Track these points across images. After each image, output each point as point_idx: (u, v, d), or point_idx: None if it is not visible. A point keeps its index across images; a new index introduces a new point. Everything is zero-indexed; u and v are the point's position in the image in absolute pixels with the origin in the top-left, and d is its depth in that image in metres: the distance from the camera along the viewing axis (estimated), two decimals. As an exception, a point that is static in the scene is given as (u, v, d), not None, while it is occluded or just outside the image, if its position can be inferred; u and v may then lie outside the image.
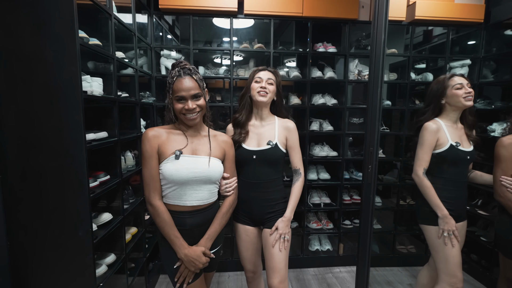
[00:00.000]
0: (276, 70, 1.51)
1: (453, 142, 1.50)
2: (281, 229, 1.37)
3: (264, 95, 1.39)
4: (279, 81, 1.45)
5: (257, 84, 1.40)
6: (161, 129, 1.18)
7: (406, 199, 2.67)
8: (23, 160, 1.17)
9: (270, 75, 1.42)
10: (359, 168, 2.66)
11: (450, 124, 1.54)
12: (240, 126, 1.44)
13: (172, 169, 1.11)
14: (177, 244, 1.14)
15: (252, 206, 1.43)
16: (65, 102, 1.16)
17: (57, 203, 1.20)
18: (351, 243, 2.73)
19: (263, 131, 1.43)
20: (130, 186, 1.95)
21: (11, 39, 1.12)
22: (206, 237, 1.20)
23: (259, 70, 1.45)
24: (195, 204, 1.17)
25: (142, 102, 2.05)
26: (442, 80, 1.56)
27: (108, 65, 1.58)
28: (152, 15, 2.25)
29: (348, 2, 2.28)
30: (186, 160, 1.14)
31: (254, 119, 1.48)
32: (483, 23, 2.38)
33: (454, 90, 1.50)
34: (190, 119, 1.15)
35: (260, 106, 1.43)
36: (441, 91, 1.54)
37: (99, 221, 1.46)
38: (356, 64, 2.47)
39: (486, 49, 2.46)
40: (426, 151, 1.51)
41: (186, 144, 1.17)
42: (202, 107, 1.16)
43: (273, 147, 1.38)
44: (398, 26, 2.45)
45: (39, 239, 1.21)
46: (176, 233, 1.15)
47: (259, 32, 2.60)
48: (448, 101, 1.53)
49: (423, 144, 1.52)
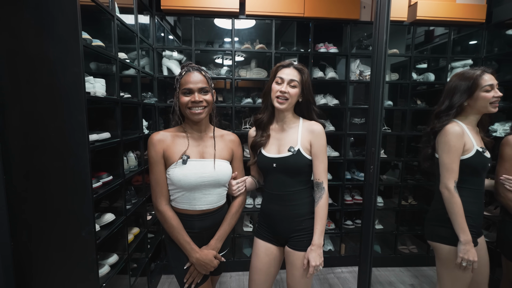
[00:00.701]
0: (303, 66, 1.26)
1: (478, 147, 1.31)
2: (313, 261, 1.17)
3: (283, 102, 1.21)
4: (305, 80, 1.24)
5: (277, 87, 1.22)
6: (166, 133, 1.16)
7: (408, 199, 2.67)
8: (27, 160, 1.18)
9: (294, 75, 1.21)
10: (360, 168, 2.66)
11: (471, 128, 1.35)
12: (262, 128, 1.30)
13: (180, 175, 1.10)
14: (188, 249, 1.13)
15: (275, 222, 1.26)
16: (68, 103, 1.17)
17: (61, 203, 1.21)
18: (353, 243, 2.73)
19: (284, 136, 1.26)
20: (133, 186, 1.96)
21: (16, 41, 1.13)
22: (216, 238, 1.19)
23: (282, 66, 1.25)
24: (204, 208, 1.16)
25: (144, 102, 2.06)
26: (473, 77, 1.30)
27: (110, 66, 1.59)
28: (154, 16, 2.26)
29: (349, 3, 2.28)
30: (193, 164, 1.12)
31: (275, 122, 1.31)
32: (485, 23, 2.38)
33: (483, 93, 1.28)
34: (195, 113, 1.11)
35: (280, 110, 1.26)
36: (471, 91, 1.30)
37: (102, 222, 1.46)
38: (358, 65, 2.47)
39: (488, 49, 2.46)
40: (455, 159, 1.28)
41: (193, 146, 1.15)
42: (209, 103, 1.13)
43: (295, 154, 1.21)
44: (399, 26, 2.45)
45: (43, 239, 1.22)
46: (186, 238, 1.13)
47: (261, 32, 2.60)
48: (472, 104, 1.32)
49: (450, 150, 1.29)
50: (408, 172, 2.76)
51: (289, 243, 1.25)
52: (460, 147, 1.29)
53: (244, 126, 2.47)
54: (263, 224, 1.32)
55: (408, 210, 2.67)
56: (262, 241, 1.31)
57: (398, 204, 2.58)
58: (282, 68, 1.24)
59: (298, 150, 1.21)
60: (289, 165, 1.21)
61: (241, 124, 2.51)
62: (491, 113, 1.34)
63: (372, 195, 1.36)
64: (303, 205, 1.25)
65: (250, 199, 2.54)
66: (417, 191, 2.79)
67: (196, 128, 1.19)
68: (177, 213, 1.17)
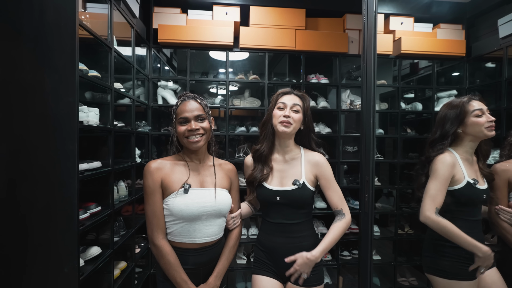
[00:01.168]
0: (304, 93, 1.26)
1: (470, 179, 1.28)
2: (298, 265, 1.11)
3: (287, 125, 1.17)
4: (307, 107, 1.22)
5: (280, 112, 1.19)
6: (164, 161, 1.11)
7: (405, 228, 2.63)
8: (13, 193, 1.13)
9: (296, 100, 1.20)
10: (355, 196, 2.64)
11: (465, 157, 1.33)
12: (262, 161, 1.23)
13: (182, 204, 1.04)
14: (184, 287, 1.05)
15: (278, 255, 1.17)
16: (60, 132, 1.15)
17: (43, 237, 1.14)
18: (351, 276, 2.62)
19: (287, 168, 1.21)
20: (122, 217, 1.89)
21: (12, 71, 1.14)
22: (215, 275, 1.11)
23: (283, 93, 1.23)
24: (203, 241, 1.09)
25: (138, 131, 2.06)
26: (460, 104, 1.32)
27: (105, 96, 1.60)
28: (151, 48, 2.34)
29: (338, 38, 2.42)
30: (195, 193, 1.07)
31: (276, 152, 1.26)
32: (465, 56, 2.53)
33: (474, 118, 1.28)
34: (193, 141, 1.07)
35: (282, 137, 1.22)
36: (460, 118, 1.30)
37: (87, 256, 1.38)
38: (348, 94, 2.55)
39: (470, 80, 2.59)
40: (440, 188, 1.26)
41: (193, 175, 1.11)
42: (206, 130, 1.10)
43: (300, 187, 1.16)
44: (386, 59, 2.58)
45: (23, 276, 1.14)
46: (184, 276, 1.05)
47: (254, 64, 2.70)
48: (466, 131, 1.31)
49: (437, 178, 1.27)
50: (403, 200, 2.75)
51: (291, 277, 1.16)
52: (448, 177, 1.26)
53: (238, 154, 2.47)
54: (263, 258, 1.22)
55: (406, 239, 2.61)
56: (266, 277, 1.19)
57: (395, 233, 2.53)
58: (283, 95, 1.23)
59: (303, 183, 1.17)
60: (295, 198, 1.16)
61: (235, 152, 2.51)
62: (489, 139, 1.32)
63: (368, 225, 1.33)
64: (307, 237, 1.19)
65: (244, 230, 2.46)
66: (413, 220, 2.75)
67: (195, 157, 1.16)
68: (174, 247, 1.09)
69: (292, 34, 2.35)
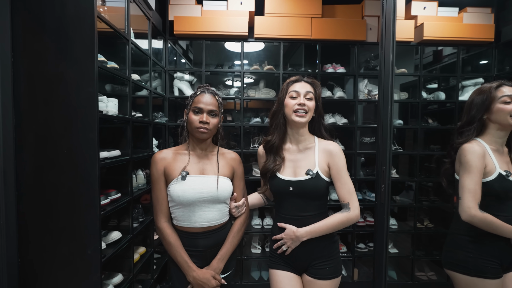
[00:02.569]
0: (314, 79, 1.21)
1: (502, 170, 1.20)
2: (285, 235, 1.13)
3: (303, 115, 1.14)
4: (319, 94, 1.19)
5: (293, 101, 1.15)
6: (168, 151, 1.19)
7: (424, 222, 2.55)
8: (39, 177, 1.20)
9: (308, 88, 1.17)
10: (372, 188, 2.59)
11: (495, 148, 1.25)
12: (274, 152, 1.21)
13: (179, 190, 1.11)
14: (185, 267, 1.11)
15: (295, 249, 1.15)
16: (81, 121, 1.21)
17: (68, 220, 1.21)
18: (366, 268, 2.59)
19: (300, 157, 1.19)
20: (141, 205, 1.96)
21: (36, 64, 1.20)
22: (218, 257, 1.16)
23: (293, 81, 1.19)
24: (205, 225, 1.15)
25: (155, 122, 2.11)
26: (488, 90, 1.26)
27: (124, 87, 1.65)
28: (167, 40, 2.37)
29: (355, 25, 2.34)
30: (193, 180, 1.13)
31: (289, 142, 1.23)
32: (494, 42, 2.38)
33: (500, 105, 1.21)
34: (201, 131, 1.13)
35: (296, 127, 1.18)
36: (487, 104, 1.24)
37: (108, 240, 1.45)
38: (366, 84, 2.48)
39: (498, 68, 2.43)
40: (477, 181, 1.18)
41: (193, 163, 1.17)
42: (215, 126, 1.16)
43: (314, 177, 1.13)
44: (407, 47, 2.47)
45: (49, 257, 1.22)
46: (184, 256, 1.12)
47: (269, 54, 2.68)
48: (491, 118, 1.24)
49: (471, 171, 1.18)
50: (423, 193, 2.67)
51: (308, 271, 1.16)
52: (481, 168, 1.18)
53: (253, 145, 2.48)
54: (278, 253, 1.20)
55: (425, 233, 2.54)
56: (283, 271, 1.18)
57: (413, 227, 2.46)
58: (294, 83, 1.19)
59: (317, 173, 1.14)
60: (308, 189, 1.13)
61: (250, 144, 2.52)
62: None
63: (384, 215, 1.30)
64: None
65: (259, 220, 2.49)
66: (433, 213, 2.67)
67: (200, 146, 1.21)
68: (180, 231, 1.16)
69: (308, 22, 2.30)
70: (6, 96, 1.16)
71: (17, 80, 1.18)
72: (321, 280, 1.14)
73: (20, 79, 1.19)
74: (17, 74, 1.19)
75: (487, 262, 1.21)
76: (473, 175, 1.18)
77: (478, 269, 1.21)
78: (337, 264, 1.18)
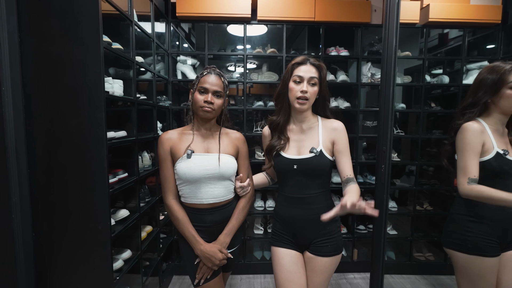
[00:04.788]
0: (320, 62, 1.20)
1: (499, 149, 1.21)
2: (352, 200, 0.93)
3: (304, 102, 1.16)
4: (323, 77, 1.19)
5: (297, 87, 1.16)
6: (174, 131, 1.23)
7: (424, 205, 2.60)
8: (50, 155, 1.25)
9: (313, 72, 1.16)
10: (373, 172, 2.62)
11: (495, 128, 1.25)
12: (279, 130, 1.24)
13: (185, 168, 1.15)
14: (192, 241, 1.16)
15: (296, 227, 1.19)
16: (88, 101, 1.23)
17: (79, 196, 1.26)
18: (366, 249, 2.67)
19: (304, 137, 1.21)
20: (147, 186, 2.02)
21: (43, 45, 1.21)
22: (225, 233, 1.21)
23: (298, 63, 1.17)
24: (211, 202, 1.19)
25: (159, 105, 2.13)
26: (501, 71, 1.19)
27: (128, 71, 1.67)
28: (169, 23, 2.35)
29: (360, 6, 2.31)
30: (198, 158, 1.17)
31: (292, 123, 1.26)
32: (501, 24, 2.34)
33: (509, 90, 1.17)
34: (205, 110, 1.15)
35: (299, 111, 1.21)
36: (497, 87, 1.20)
37: (117, 217, 1.51)
38: (369, 67, 2.47)
39: (504, 51, 2.40)
40: (471, 157, 1.19)
41: (198, 142, 1.20)
42: (219, 106, 1.19)
43: (318, 155, 1.15)
44: (412, 30, 2.44)
45: (62, 231, 1.27)
46: (192, 230, 1.17)
47: (272, 37, 2.66)
48: (496, 101, 1.22)
49: (465, 149, 1.20)
50: (423, 176, 2.70)
51: (310, 248, 1.19)
52: (478, 145, 1.19)
53: (256, 129, 2.50)
54: (280, 230, 1.24)
55: (424, 215, 2.59)
56: (285, 248, 1.21)
57: (413, 210, 2.51)
58: (298, 65, 1.17)
59: (321, 151, 1.16)
60: (312, 167, 1.15)
61: (253, 128, 2.54)
62: None
63: (384, 195, 1.34)
64: (326, 208, 1.16)
65: (261, 202, 2.55)
66: (433, 197, 2.71)
67: (204, 126, 1.24)
68: (188, 207, 1.20)
69: (311, 3, 2.27)
70: (15, 76, 1.18)
71: (25, 60, 1.20)
72: (322, 257, 1.18)
73: (27, 59, 1.21)
74: (25, 54, 1.20)
75: (486, 240, 1.22)
76: (466, 152, 1.20)
77: (476, 247, 1.22)
78: (338, 242, 1.21)
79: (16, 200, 1.20)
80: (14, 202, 1.18)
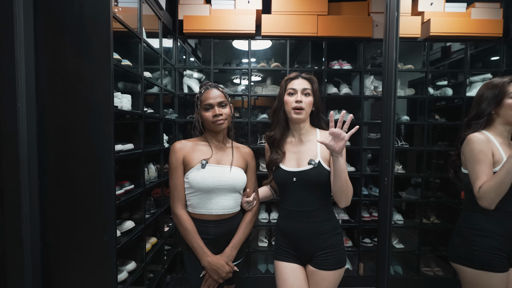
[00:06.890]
0: (312, 75, 1.27)
1: None
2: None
3: (300, 112, 1.19)
4: (316, 89, 1.24)
5: (291, 98, 1.21)
6: (187, 141, 1.26)
7: (430, 218, 2.56)
8: (60, 167, 1.29)
9: (305, 84, 1.22)
10: (377, 184, 2.61)
11: (501, 140, 1.26)
12: (275, 145, 1.27)
13: (199, 177, 1.17)
14: (200, 253, 1.17)
15: (298, 240, 1.20)
16: (98, 115, 1.28)
17: (86, 208, 1.29)
18: (372, 263, 2.62)
19: (303, 149, 1.23)
20: (152, 197, 2.04)
21: (57, 62, 1.28)
22: (231, 246, 1.22)
23: (291, 78, 1.24)
24: (220, 213, 1.21)
25: (166, 118, 2.19)
26: (500, 85, 1.25)
27: (136, 85, 1.73)
28: (177, 39, 2.44)
29: (362, 22, 2.36)
30: (211, 168, 1.20)
31: (291, 136, 1.29)
32: (502, 37, 2.36)
33: (510, 100, 1.21)
34: (218, 123, 1.20)
35: (297, 122, 1.24)
36: (498, 99, 1.24)
37: (123, 228, 1.54)
38: (372, 80, 2.50)
39: (507, 63, 2.41)
40: (484, 165, 1.19)
41: (211, 154, 1.23)
42: (228, 115, 1.23)
43: (316, 166, 1.16)
44: (415, 43, 2.47)
45: (68, 242, 1.30)
46: (199, 242, 1.18)
47: (276, 52, 2.72)
48: (499, 112, 1.25)
49: (476, 158, 1.20)
50: (430, 189, 2.67)
51: (313, 262, 1.19)
52: (488, 154, 1.19)
53: (260, 141, 2.53)
54: (283, 244, 1.24)
55: (431, 229, 2.55)
56: (287, 262, 1.22)
57: (419, 223, 2.47)
58: (291, 80, 1.24)
59: (319, 163, 1.17)
60: (311, 179, 1.16)
61: (257, 140, 2.57)
62: None
63: (387, 208, 1.34)
64: (327, 221, 1.19)
65: (265, 214, 2.54)
66: (440, 210, 2.67)
67: (216, 138, 1.28)
68: (194, 218, 1.22)
69: (314, 20, 2.34)
70: (30, 92, 1.24)
71: (40, 77, 1.27)
72: (325, 270, 1.17)
73: (42, 76, 1.27)
74: (40, 71, 1.27)
75: (493, 255, 1.20)
76: (477, 161, 1.20)
77: (484, 262, 1.20)
78: (340, 255, 1.20)
79: (26, 211, 1.23)
80: (24, 213, 1.22)
